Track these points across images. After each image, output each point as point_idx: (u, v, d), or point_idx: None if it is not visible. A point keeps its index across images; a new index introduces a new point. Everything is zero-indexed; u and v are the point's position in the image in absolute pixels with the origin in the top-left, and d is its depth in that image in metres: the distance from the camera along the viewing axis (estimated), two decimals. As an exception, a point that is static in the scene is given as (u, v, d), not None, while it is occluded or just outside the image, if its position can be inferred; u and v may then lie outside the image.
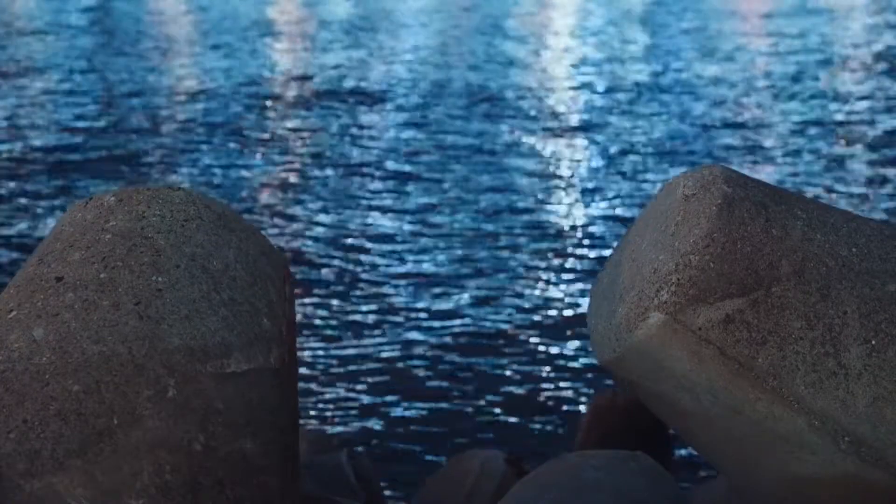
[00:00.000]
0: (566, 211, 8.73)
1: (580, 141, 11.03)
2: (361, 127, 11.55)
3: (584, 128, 11.58)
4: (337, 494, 2.92)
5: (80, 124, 11.44)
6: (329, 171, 9.87)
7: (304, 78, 14.20)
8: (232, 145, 10.77)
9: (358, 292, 7.05)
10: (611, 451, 2.37)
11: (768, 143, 10.87)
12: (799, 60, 15.02)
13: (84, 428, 1.57)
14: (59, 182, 9.44)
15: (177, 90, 13.26)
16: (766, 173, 9.75)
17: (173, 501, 1.63)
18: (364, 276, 7.33)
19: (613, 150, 10.61)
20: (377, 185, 9.45)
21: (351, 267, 7.48)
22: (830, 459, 1.77)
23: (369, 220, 8.47)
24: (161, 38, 17.11)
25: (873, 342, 1.77)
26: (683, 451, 4.85)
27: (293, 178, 9.69)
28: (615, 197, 9.10)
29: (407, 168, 9.97)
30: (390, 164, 10.07)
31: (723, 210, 1.82)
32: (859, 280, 1.82)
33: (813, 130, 11.28)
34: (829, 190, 9.29)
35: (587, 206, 8.86)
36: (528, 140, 11.03)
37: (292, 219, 8.53)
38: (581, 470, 2.23)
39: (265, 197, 9.12)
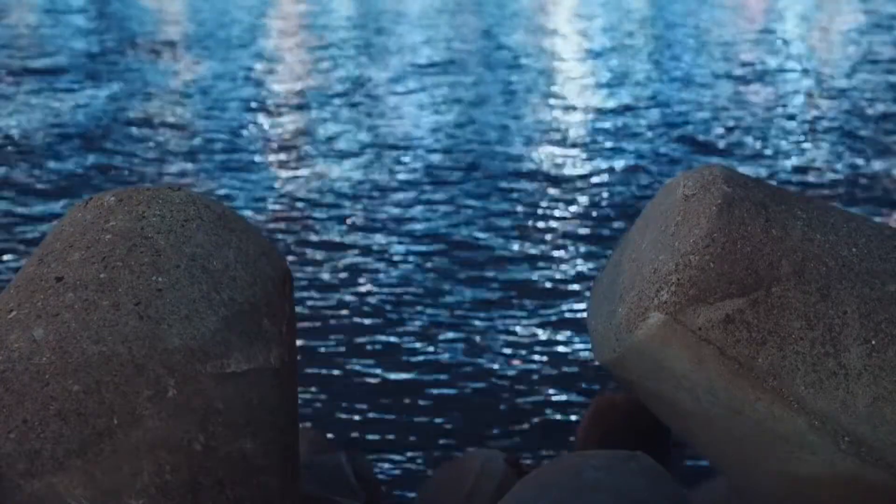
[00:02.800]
0: (566, 211, 8.73)
1: (580, 141, 11.03)
2: (364, 129, 11.55)
3: (584, 127, 11.58)
4: (337, 494, 2.92)
5: (81, 124, 11.43)
6: (330, 172, 9.88)
7: (305, 78, 14.21)
8: (232, 146, 10.77)
9: (358, 292, 7.05)
10: (611, 451, 2.37)
11: (768, 141, 10.87)
12: (795, 55, 15.04)
13: (84, 428, 1.57)
14: (59, 182, 9.44)
15: (176, 90, 13.26)
16: (765, 173, 9.75)
17: (173, 501, 1.63)
18: (364, 275, 7.33)
19: (613, 149, 10.61)
20: (379, 185, 9.45)
21: (351, 267, 7.48)
22: (830, 459, 1.77)
23: (370, 221, 8.47)
24: (160, 39, 17.12)
25: (873, 342, 1.77)
26: (683, 452, 4.84)
27: (294, 179, 9.69)
28: (615, 196, 9.11)
29: (409, 168, 9.98)
30: (392, 164, 10.08)
31: (723, 210, 1.82)
32: (859, 280, 1.82)
33: (810, 128, 11.29)
34: (829, 189, 9.30)
35: (587, 205, 8.87)
36: (529, 141, 11.03)
37: (292, 219, 8.54)
38: (581, 470, 2.23)
39: (266, 198, 9.13)
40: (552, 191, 9.29)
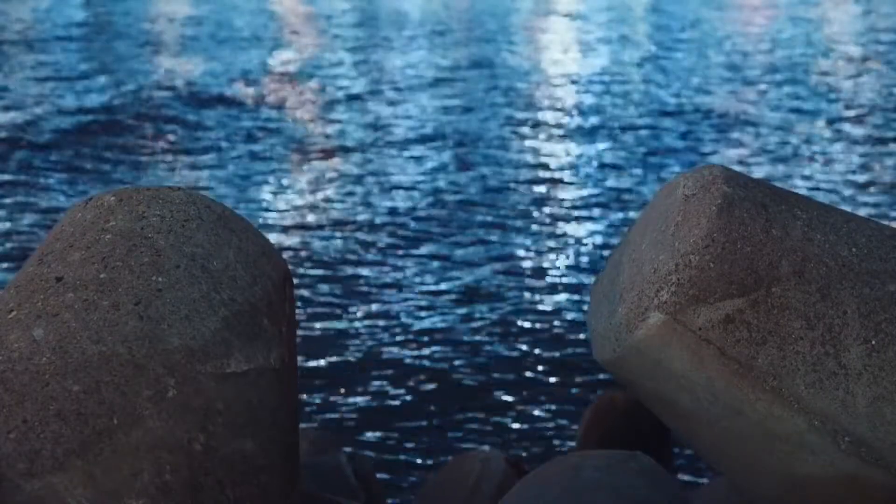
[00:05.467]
0: (566, 210, 8.73)
1: (580, 140, 11.03)
2: (365, 130, 11.56)
3: (584, 127, 11.58)
4: (337, 494, 2.92)
5: (81, 125, 11.44)
6: (332, 173, 9.88)
7: (305, 78, 14.21)
8: (232, 146, 10.77)
9: (358, 292, 7.05)
10: (611, 451, 2.37)
11: (768, 140, 10.87)
12: (794, 53, 15.03)
13: (84, 428, 1.57)
14: (60, 181, 9.44)
15: (175, 89, 13.26)
16: (765, 173, 9.75)
17: (173, 501, 1.63)
18: (364, 276, 7.33)
19: (613, 149, 10.61)
20: (379, 185, 9.45)
21: (351, 267, 7.48)
22: (830, 459, 1.77)
23: (370, 221, 8.47)
24: (160, 39, 17.12)
25: (873, 342, 1.77)
26: (683, 451, 4.84)
27: (295, 179, 9.69)
28: (615, 196, 9.10)
29: (410, 169, 9.98)
30: (393, 164, 10.08)
31: (723, 210, 1.82)
32: (859, 280, 1.82)
33: (811, 128, 11.28)
34: (828, 189, 9.29)
35: (587, 205, 8.86)
36: (529, 140, 11.03)
37: (292, 219, 8.54)
38: (581, 470, 2.23)
39: (266, 197, 9.13)
40: (551, 191, 9.29)
